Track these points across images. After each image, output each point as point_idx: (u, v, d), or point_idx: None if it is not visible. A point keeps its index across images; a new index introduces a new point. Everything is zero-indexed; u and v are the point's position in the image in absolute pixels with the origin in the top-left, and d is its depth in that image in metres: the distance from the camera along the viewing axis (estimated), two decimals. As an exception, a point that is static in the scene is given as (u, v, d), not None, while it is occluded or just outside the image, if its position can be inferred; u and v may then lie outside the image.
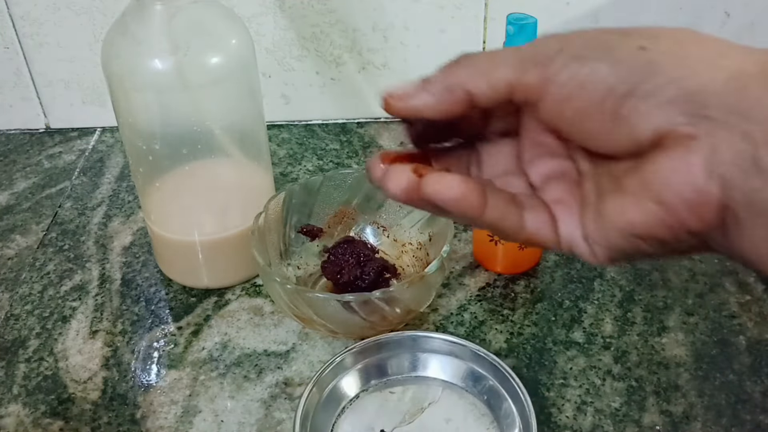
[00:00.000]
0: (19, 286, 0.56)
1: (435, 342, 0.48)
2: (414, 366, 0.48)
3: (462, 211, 0.29)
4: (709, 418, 0.45)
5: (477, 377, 0.46)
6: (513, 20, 0.45)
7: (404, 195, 0.29)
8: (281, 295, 0.46)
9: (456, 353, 0.47)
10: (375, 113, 0.73)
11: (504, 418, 0.44)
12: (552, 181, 0.31)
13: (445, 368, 0.47)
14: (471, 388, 0.46)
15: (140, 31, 0.46)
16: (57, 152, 0.71)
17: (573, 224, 0.30)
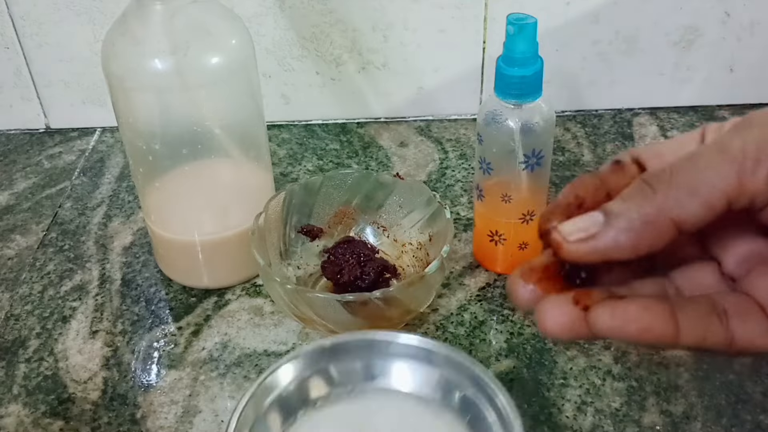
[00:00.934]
0: (19, 286, 0.56)
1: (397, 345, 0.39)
2: (369, 374, 0.40)
3: (649, 343, 0.24)
4: (710, 418, 0.45)
5: (451, 388, 0.38)
6: (513, 20, 0.45)
7: (567, 334, 0.24)
8: (281, 295, 0.46)
9: (426, 358, 0.39)
10: (375, 113, 0.73)
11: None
12: (756, 271, 0.25)
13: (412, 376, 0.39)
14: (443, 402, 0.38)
15: (140, 31, 0.46)
16: (57, 152, 0.71)
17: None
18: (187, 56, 0.46)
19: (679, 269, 0.26)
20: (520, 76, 0.47)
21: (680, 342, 0.24)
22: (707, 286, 0.26)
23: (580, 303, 0.24)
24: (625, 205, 0.23)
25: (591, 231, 0.23)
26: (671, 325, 0.23)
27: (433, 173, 0.66)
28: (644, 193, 0.23)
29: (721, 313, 0.24)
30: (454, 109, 0.73)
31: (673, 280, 0.26)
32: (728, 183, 0.22)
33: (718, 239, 0.26)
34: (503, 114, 0.48)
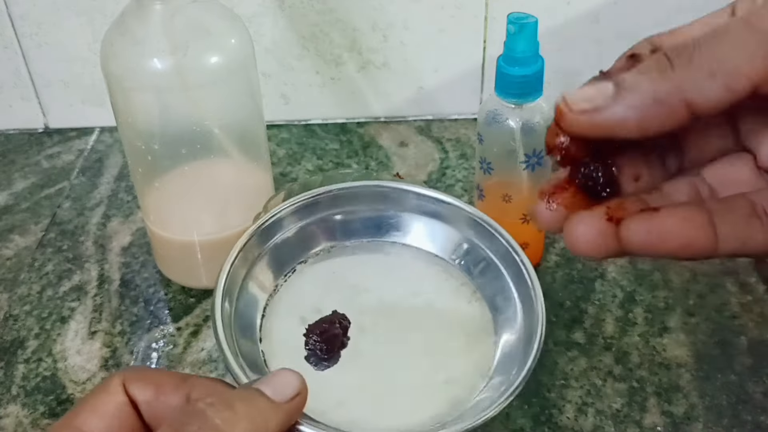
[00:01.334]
0: (17, 286, 0.56)
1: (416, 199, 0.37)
2: (382, 227, 0.38)
3: (687, 257, 0.22)
4: (710, 418, 0.45)
5: (471, 252, 0.37)
6: (513, 19, 0.45)
7: (599, 251, 0.22)
8: None
9: (445, 217, 0.38)
10: (375, 113, 0.73)
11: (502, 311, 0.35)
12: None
13: (429, 235, 0.38)
14: (463, 267, 0.37)
15: (139, 30, 0.46)
16: (56, 152, 0.71)
17: None
18: (187, 56, 0.46)
19: (711, 165, 0.24)
20: (521, 76, 0.46)
21: (719, 252, 0.22)
22: (743, 183, 0.23)
23: (610, 215, 0.22)
24: (638, 78, 0.21)
25: (598, 102, 0.22)
26: (711, 236, 0.22)
27: (434, 173, 0.66)
28: (661, 67, 0.21)
29: (762, 214, 0.22)
30: (454, 109, 0.73)
31: (705, 179, 0.24)
32: (755, 65, 0.20)
33: (753, 128, 0.23)
34: (504, 114, 0.48)
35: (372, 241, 0.39)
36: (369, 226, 0.39)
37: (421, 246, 0.38)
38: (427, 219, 0.38)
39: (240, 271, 0.36)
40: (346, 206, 0.38)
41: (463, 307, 0.36)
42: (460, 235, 0.38)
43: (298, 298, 0.36)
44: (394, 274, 0.38)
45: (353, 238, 0.39)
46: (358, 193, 0.38)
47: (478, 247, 0.37)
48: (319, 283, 0.37)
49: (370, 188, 0.38)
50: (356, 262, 0.38)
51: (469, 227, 0.38)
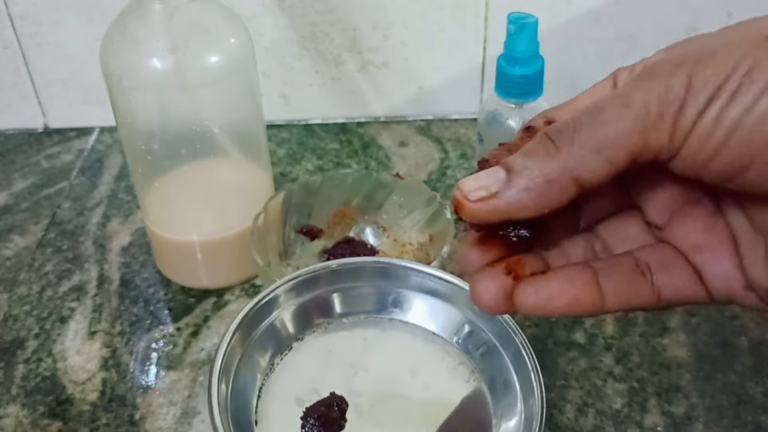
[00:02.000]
0: (17, 286, 0.56)
1: (418, 277, 0.37)
2: (380, 304, 0.37)
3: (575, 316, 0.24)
4: (711, 419, 0.45)
5: (473, 333, 0.37)
6: (514, 19, 0.45)
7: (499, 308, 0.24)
8: None
9: (447, 296, 0.37)
10: (375, 113, 0.73)
11: (501, 395, 0.35)
12: (679, 218, 0.24)
13: (429, 313, 0.37)
14: (461, 347, 0.36)
15: (139, 30, 0.46)
16: (56, 152, 0.71)
17: (727, 274, 0.23)
18: (187, 55, 0.46)
19: (605, 222, 0.25)
20: (521, 76, 0.46)
21: (607, 309, 0.23)
22: (633, 238, 0.25)
23: (511, 273, 0.23)
24: (527, 162, 0.22)
25: (492, 189, 0.22)
26: (596, 294, 0.23)
27: (434, 173, 0.66)
28: (547, 149, 0.22)
29: (645, 270, 0.24)
30: (454, 109, 0.73)
31: (599, 235, 0.26)
32: (631, 140, 0.21)
33: (639, 187, 0.25)
34: (504, 113, 0.48)
35: (369, 317, 0.38)
36: (367, 302, 0.38)
37: (420, 324, 0.38)
38: (427, 297, 0.38)
39: (236, 350, 0.35)
40: (344, 283, 0.38)
41: (461, 388, 0.36)
42: (461, 315, 0.38)
43: (294, 378, 0.36)
44: (392, 353, 0.37)
45: (351, 315, 0.38)
46: (357, 270, 0.38)
47: (478, 328, 0.37)
48: (316, 362, 0.36)
49: (370, 264, 0.38)
50: (354, 340, 0.37)
51: (470, 307, 0.37)
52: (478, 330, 0.37)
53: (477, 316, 0.37)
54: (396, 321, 0.38)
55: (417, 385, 0.36)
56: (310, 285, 0.37)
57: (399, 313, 0.38)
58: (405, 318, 0.38)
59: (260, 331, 0.36)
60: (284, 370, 0.36)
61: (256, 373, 0.36)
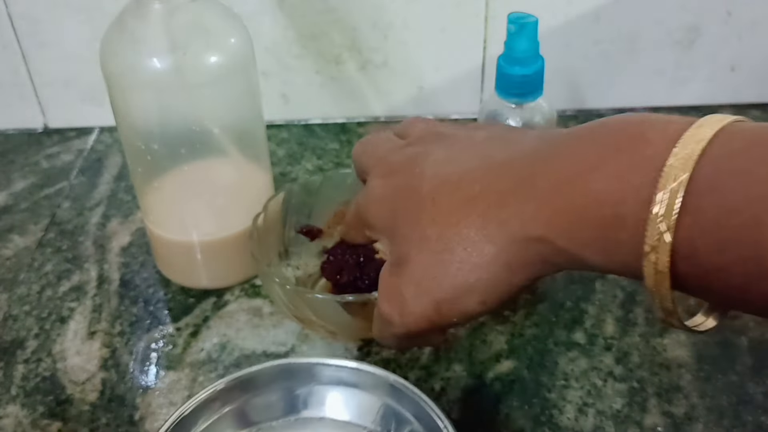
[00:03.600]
0: (17, 286, 0.56)
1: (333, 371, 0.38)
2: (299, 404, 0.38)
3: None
4: (711, 419, 0.45)
5: (397, 419, 0.37)
6: (514, 19, 0.45)
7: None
8: (280, 296, 0.46)
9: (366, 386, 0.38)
10: (375, 112, 0.73)
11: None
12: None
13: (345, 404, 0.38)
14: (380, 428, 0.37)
15: (139, 29, 0.46)
16: (55, 152, 0.71)
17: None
18: (186, 55, 0.46)
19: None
20: (521, 75, 0.46)
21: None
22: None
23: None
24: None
25: None
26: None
27: (434, 173, 0.66)
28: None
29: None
30: (454, 109, 0.73)
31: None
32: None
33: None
34: (504, 113, 0.48)
35: (297, 419, 0.38)
36: (291, 404, 0.39)
37: (342, 418, 0.38)
38: (345, 389, 0.38)
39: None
40: (258, 390, 0.38)
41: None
42: (380, 401, 0.38)
43: None
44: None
45: (275, 419, 0.38)
46: (267, 375, 0.38)
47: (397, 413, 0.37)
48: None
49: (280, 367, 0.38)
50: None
51: (387, 393, 0.38)
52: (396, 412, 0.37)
53: (392, 398, 0.37)
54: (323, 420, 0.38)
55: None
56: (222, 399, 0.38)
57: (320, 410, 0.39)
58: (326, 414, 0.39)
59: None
60: None
61: None
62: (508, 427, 0.45)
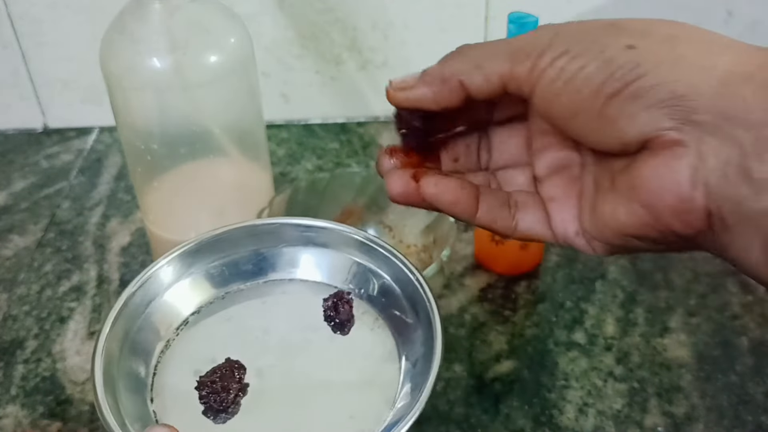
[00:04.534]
0: (17, 286, 0.56)
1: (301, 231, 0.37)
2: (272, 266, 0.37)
3: (455, 213, 0.31)
4: (711, 419, 0.45)
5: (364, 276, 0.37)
6: (514, 19, 0.45)
7: (402, 198, 0.31)
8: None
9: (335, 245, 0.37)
10: (375, 113, 0.73)
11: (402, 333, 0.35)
12: (555, 175, 0.31)
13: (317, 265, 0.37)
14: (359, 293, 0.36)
15: (139, 29, 0.46)
16: (55, 152, 0.71)
17: (567, 221, 0.30)
18: (186, 55, 0.46)
19: (505, 169, 0.33)
20: (521, 75, 0.46)
21: (477, 219, 0.31)
22: (518, 185, 0.32)
23: (415, 176, 0.31)
24: (434, 66, 0.30)
25: (408, 83, 0.31)
26: (473, 204, 0.30)
27: (434, 173, 0.66)
28: (449, 59, 0.30)
29: (512, 205, 0.31)
30: (454, 109, 0.73)
31: (496, 177, 0.33)
32: (502, 65, 0.28)
33: (536, 149, 0.31)
34: (504, 113, 0.48)
35: (267, 281, 0.38)
36: (260, 266, 0.38)
37: (314, 279, 0.38)
38: (315, 249, 0.38)
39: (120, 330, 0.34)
40: (229, 250, 0.38)
41: (365, 336, 0.35)
42: (351, 260, 0.37)
43: (191, 352, 0.35)
44: (291, 313, 0.36)
45: (245, 282, 0.38)
46: (238, 236, 0.38)
47: (369, 270, 0.37)
48: (213, 333, 0.36)
49: (249, 229, 0.38)
50: (250, 306, 0.37)
51: (358, 250, 0.37)
52: (369, 272, 0.37)
53: (363, 256, 0.37)
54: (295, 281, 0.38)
55: (320, 340, 0.35)
56: (194, 258, 0.37)
57: (293, 272, 0.38)
58: (299, 276, 0.38)
59: (150, 309, 0.35)
60: (180, 345, 0.35)
61: (149, 349, 0.35)
62: (508, 427, 0.45)
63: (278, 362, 0.34)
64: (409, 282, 0.35)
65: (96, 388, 0.31)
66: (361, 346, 0.35)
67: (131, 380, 0.33)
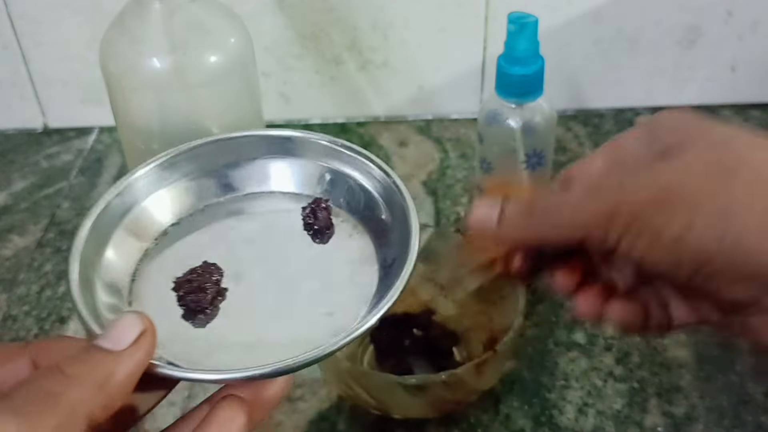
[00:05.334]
0: (16, 286, 0.56)
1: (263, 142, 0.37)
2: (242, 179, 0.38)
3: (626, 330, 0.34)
4: (711, 419, 0.44)
5: (339, 183, 0.37)
6: (514, 19, 0.45)
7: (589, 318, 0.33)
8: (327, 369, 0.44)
9: (301, 153, 0.37)
10: (375, 113, 0.73)
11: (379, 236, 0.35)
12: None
13: (289, 175, 0.37)
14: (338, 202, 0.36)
15: (139, 29, 0.46)
16: (55, 152, 0.71)
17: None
18: (186, 55, 0.46)
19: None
20: (521, 75, 0.46)
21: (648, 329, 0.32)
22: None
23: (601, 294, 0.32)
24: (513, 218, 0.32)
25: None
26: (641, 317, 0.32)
27: (433, 173, 0.66)
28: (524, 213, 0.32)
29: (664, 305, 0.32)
30: (454, 109, 0.73)
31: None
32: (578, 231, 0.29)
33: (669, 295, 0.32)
34: (504, 113, 0.48)
35: (246, 194, 0.38)
36: (237, 179, 0.38)
37: (291, 190, 0.38)
38: (291, 159, 0.38)
39: (100, 237, 0.34)
40: (204, 163, 0.38)
41: (344, 243, 0.35)
42: (326, 167, 0.37)
43: (170, 261, 0.35)
44: (270, 223, 0.37)
45: (223, 195, 0.38)
46: (212, 149, 0.38)
47: (345, 176, 0.37)
48: (193, 243, 0.36)
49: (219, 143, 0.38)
50: (229, 218, 0.37)
51: (334, 157, 0.37)
52: (345, 176, 0.37)
53: (341, 162, 0.37)
54: (273, 193, 0.38)
55: (299, 248, 0.35)
56: (173, 169, 0.37)
57: (268, 184, 0.38)
58: (274, 188, 0.38)
59: (127, 219, 0.35)
60: (159, 254, 0.35)
61: (128, 257, 0.35)
62: (508, 427, 0.45)
63: (257, 268, 0.34)
64: (386, 186, 0.35)
65: (71, 285, 0.31)
66: (340, 252, 0.35)
67: (109, 285, 0.33)
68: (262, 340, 0.32)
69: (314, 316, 0.32)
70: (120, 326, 0.27)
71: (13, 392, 0.24)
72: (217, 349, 0.31)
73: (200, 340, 0.31)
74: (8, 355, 0.28)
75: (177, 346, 0.30)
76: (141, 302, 0.33)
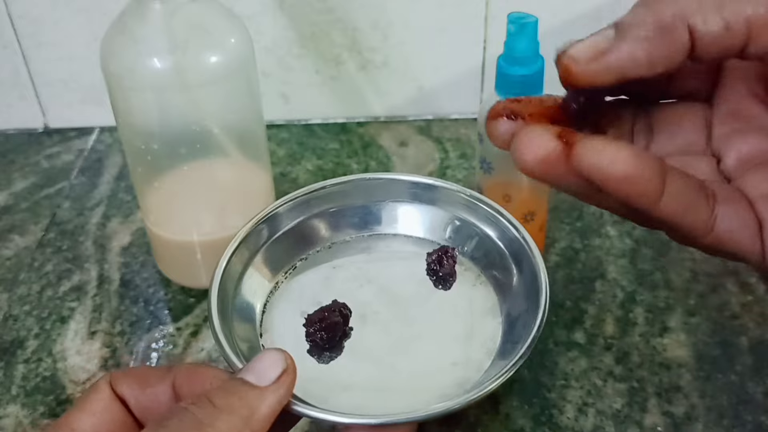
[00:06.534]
0: (17, 286, 0.56)
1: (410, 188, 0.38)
2: (378, 220, 0.39)
3: (629, 196, 0.21)
4: (711, 419, 0.45)
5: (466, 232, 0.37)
6: (514, 19, 0.45)
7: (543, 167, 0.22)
8: None
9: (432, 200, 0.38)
10: (375, 112, 0.73)
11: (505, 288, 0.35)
12: (755, 168, 0.23)
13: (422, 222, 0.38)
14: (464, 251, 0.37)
15: (139, 30, 0.46)
16: (55, 152, 0.71)
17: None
18: (186, 55, 0.46)
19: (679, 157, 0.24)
20: (521, 76, 0.46)
21: (659, 206, 0.21)
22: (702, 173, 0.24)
23: (562, 137, 0.21)
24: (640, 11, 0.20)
25: (602, 47, 0.21)
26: (659, 183, 0.21)
27: (434, 173, 0.66)
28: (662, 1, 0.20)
29: (710, 195, 0.22)
30: (454, 109, 0.73)
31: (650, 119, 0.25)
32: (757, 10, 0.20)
33: (725, 134, 0.23)
34: (504, 113, 0.48)
35: (372, 234, 0.39)
36: (366, 219, 0.40)
37: (418, 234, 0.39)
38: (421, 206, 0.39)
39: (237, 267, 0.36)
40: (338, 202, 0.39)
41: (467, 292, 0.36)
42: (455, 216, 0.39)
43: (298, 294, 0.37)
44: (394, 265, 0.38)
45: (352, 233, 0.39)
46: (347, 189, 0.39)
47: (473, 227, 0.38)
48: (320, 279, 0.37)
49: (354, 183, 0.39)
50: (356, 257, 0.38)
51: (463, 207, 0.38)
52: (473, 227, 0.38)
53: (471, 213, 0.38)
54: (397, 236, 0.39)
55: (423, 293, 0.36)
56: (308, 205, 0.39)
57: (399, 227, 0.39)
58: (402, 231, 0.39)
59: (262, 250, 0.37)
60: (288, 287, 0.37)
61: (260, 290, 0.37)
62: (508, 427, 0.45)
63: (381, 309, 0.35)
64: (514, 239, 0.36)
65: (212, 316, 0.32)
66: (463, 301, 0.36)
67: (243, 315, 0.35)
68: (385, 384, 0.33)
69: (437, 364, 0.33)
70: (264, 362, 0.27)
71: (166, 420, 0.24)
72: (339, 389, 0.32)
73: (322, 378, 0.32)
74: (151, 380, 0.28)
75: (299, 381, 0.30)
76: (270, 335, 0.35)
